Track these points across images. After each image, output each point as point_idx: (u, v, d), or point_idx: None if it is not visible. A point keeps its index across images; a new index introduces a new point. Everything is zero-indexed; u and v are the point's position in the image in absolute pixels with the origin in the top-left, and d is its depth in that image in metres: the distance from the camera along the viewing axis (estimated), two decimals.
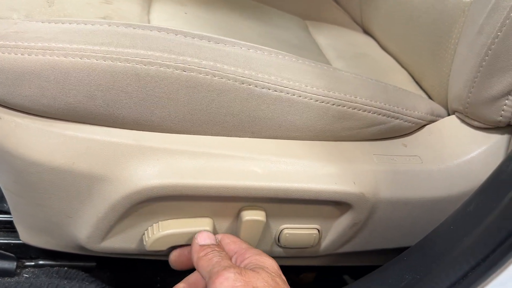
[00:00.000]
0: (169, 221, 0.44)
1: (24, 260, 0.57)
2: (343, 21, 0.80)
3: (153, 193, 0.40)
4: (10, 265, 0.56)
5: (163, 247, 0.44)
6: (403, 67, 0.66)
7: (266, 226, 0.46)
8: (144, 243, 0.43)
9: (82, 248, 0.45)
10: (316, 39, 0.70)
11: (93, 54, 0.36)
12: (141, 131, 0.41)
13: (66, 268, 0.56)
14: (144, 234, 0.44)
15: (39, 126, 0.39)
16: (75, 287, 0.49)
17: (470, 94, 0.46)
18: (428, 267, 0.40)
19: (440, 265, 0.39)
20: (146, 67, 0.37)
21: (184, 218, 0.45)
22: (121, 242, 0.45)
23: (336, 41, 0.70)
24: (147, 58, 0.37)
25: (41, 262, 0.57)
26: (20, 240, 0.51)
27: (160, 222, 0.44)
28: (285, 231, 0.47)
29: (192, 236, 0.44)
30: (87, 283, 0.53)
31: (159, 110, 0.39)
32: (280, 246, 0.48)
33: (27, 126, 0.39)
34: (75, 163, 0.39)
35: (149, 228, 0.44)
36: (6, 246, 0.57)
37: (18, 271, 0.56)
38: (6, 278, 0.50)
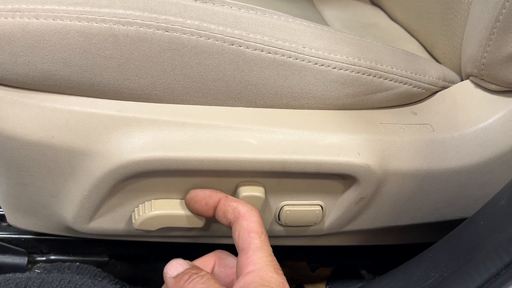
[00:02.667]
0: (162, 200, 0.41)
1: (35, 255, 0.56)
2: None
3: (139, 167, 0.37)
4: (21, 260, 0.55)
5: (152, 227, 0.41)
6: (413, 36, 0.62)
7: (265, 203, 0.43)
8: (133, 221, 0.41)
9: (69, 229, 0.43)
10: (321, 11, 0.66)
11: (66, 14, 0.33)
12: (124, 101, 0.38)
13: (77, 263, 0.55)
14: (133, 212, 0.41)
15: (14, 98, 0.37)
16: (87, 283, 0.47)
17: (485, 54, 0.42)
18: (456, 264, 0.36)
19: (470, 262, 0.35)
20: (124, 27, 0.34)
21: (176, 196, 0.42)
22: (109, 222, 0.42)
23: (342, 12, 0.67)
24: (125, 18, 0.34)
25: (52, 257, 0.56)
26: (32, 235, 0.50)
27: (153, 200, 0.41)
28: (286, 208, 0.44)
29: (184, 218, 0.41)
30: (99, 278, 0.51)
31: (140, 76, 0.36)
32: (281, 225, 0.45)
33: (2, 98, 0.36)
34: (54, 136, 0.37)
35: (140, 206, 0.41)
36: (17, 241, 0.56)
37: (30, 266, 0.55)
38: (17, 274, 0.49)
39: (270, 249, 0.35)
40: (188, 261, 0.36)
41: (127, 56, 0.35)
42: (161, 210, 0.41)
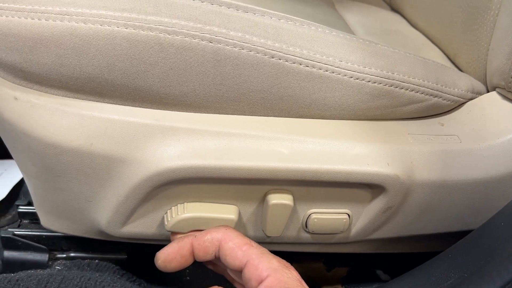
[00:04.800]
0: (194, 203, 0.42)
1: (55, 252, 0.57)
2: None
3: (174, 175, 0.38)
4: (43, 257, 0.56)
5: (184, 229, 0.42)
6: (435, 44, 0.62)
7: (293, 210, 0.44)
8: (165, 223, 0.41)
9: (102, 233, 0.44)
10: (343, 16, 0.67)
11: (113, 20, 0.33)
12: (161, 110, 0.39)
13: (97, 260, 0.55)
14: (166, 213, 0.42)
15: (55, 106, 0.37)
16: (107, 280, 0.47)
17: None
18: (477, 265, 0.36)
19: (491, 263, 0.35)
20: (170, 36, 0.34)
21: (206, 201, 0.42)
22: (142, 227, 0.43)
23: (364, 18, 0.67)
24: (171, 27, 0.34)
25: (72, 254, 0.57)
26: (53, 232, 0.50)
27: (185, 203, 0.42)
28: (313, 215, 0.44)
29: (215, 222, 0.41)
30: (118, 276, 0.52)
31: (181, 84, 0.37)
32: (308, 232, 0.46)
33: (44, 106, 0.37)
34: (93, 144, 0.37)
35: (173, 208, 0.42)
36: (38, 238, 0.56)
37: (50, 263, 0.56)
38: (38, 270, 0.49)
39: (267, 250, 0.35)
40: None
41: (170, 64, 0.35)
42: (193, 213, 0.41)
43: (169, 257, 0.39)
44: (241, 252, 0.35)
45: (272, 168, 0.39)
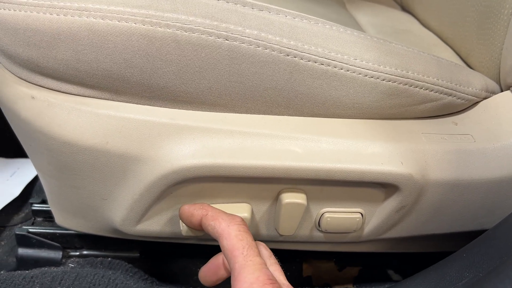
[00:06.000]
0: None
1: (69, 250, 0.58)
2: None
3: (189, 173, 0.38)
4: (56, 254, 0.57)
5: (199, 231, 0.42)
6: (447, 44, 0.62)
7: (306, 209, 0.44)
8: (181, 227, 0.41)
9: (117, 231, 0.44)
10: (354, 16, 0.67)
11: (131, 17, 0.34)
12: (176, 109, 0.39)
13: (110, 258, 0.56)
14: None
15: (72, 105, 0.37)
16: (120, 278, 0.48)
17: None
18: (492, 265, 0.36)
19: (506, 262, 0.35)
20: (187, 33, 0.34)
21: (221, 200, 0.43)
22: (156, 225, 0.43)
23: (375, 18, 0.67)
24: (188, 24, 0.34)
25: (85, 252, 0.58)
26: (66, 230, 0.51)
27: None
28: (326, 215, 0.44)
29: None
30: (130, 274, 0.52)
31: (198, 81, 0.37)
32: (321, 231, 0.46)
33: (60, 105, 0.37)
34: (109, 142, 0.38)
35: None
36: (52, 236, 0.57)
37: (64, 260, 0.57)
38: (52, 268, 0.50)
39: (257, 260, 0.32)
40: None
41: (187, 61, 0.35)
42: None
43: (182, 216, 0.40)
44: (231, 256, 0.33)
45: (286, 167, 0.39)
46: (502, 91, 0.49)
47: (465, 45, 0.57)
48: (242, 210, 0.43)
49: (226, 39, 0.35)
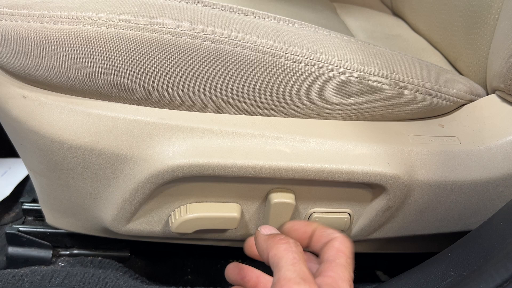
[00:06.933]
0: (197, 204, 0.43)
1: (59, 249, 0.58)
2: (371, 3, 0.77)
3: (179, 172, 0.38)
4: (46, 253, 0.57)
5: (189, 230, 0.42)
6: (436, 48, 0.63)
7: (295, 209, 0.45)
8: (170, 225, 0.42)
9: (107, 230, 0.45)
10: (345, 21, 0.68)
11: (119, 23, 0.35)
12: (167, 109, 0.40)
13: (100, 257, 0.56)
14: (170, 215, 0.43)
15: (63, 104, 0.38)
16: (110, 277, 0.48)
17: None
18: (476, 264, 0.37)
19: (490, 261, 0.36)
20: (174, 37, 0.35)
21: (210, 200, 0.43)
22: (146, 224, 0.44)
23: (366, 22, 0.68)
24: (175, 29, 0.35)
25: (75, 251, 0.58)
26: (57, 229, 0.51)
27: (188, 204, 0.42)
28: (315, 215, 0.45)
29: (219, 221, 0.42)
30: (121, 273, 0.53)
31: (186, 84, 0.38)
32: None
33: (52, 104, 0.38)
34: (99, 142, 0.38)
35: (176, 209, 0.43)
36: (42, 235, 0.57)
37: (54, 259, 0.57)
38: (42, 266, 0.50)
39: (352, 275, 0.32)
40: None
41: (174, 64, 0.36)
42: (197, 213, 0.42)
43: (294, 227, 0.37)
44: (335, 253, 0.33)
45: (274, 167, 0.39)
46: (488, 94, 0.50)
47: (453, 49, 0.58)
48: (232, 209, 0.43)
49: (212, 42, 0.36)
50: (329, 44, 0.40)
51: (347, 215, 0.45)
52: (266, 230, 0.35)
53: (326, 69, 0.39)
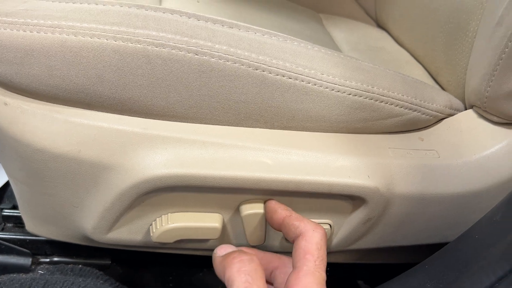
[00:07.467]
0: (178, 213, 0.43)
1: (39, 257, 0.57)
2: (357, 14, 0.78)
3: (161, 182, 0.39)
4: (26, 261, 0.56)
5: (170, 239, 0.42)
6: (418, 61, 0.64)
7: None
8: (151, 234, 0.42)
9: (88, 239, 0.44)
10: (330, 32, 0.69)
11: (103, 33, 0.35)
12: (150, 119, 0.40)
13: (80, 265, 0.56)
14: (151, 225, 0.43)
15: (45, 112, 0.38)
16: (90, 285, 0.48)
17: (488, 88, 0.44)
18: (452, 276, 0.38)
19: (465, 274, 0.36)
20: (157, 49, 0.36)
21: (192, 210, 0.43)
22: (127, 233, 0.44)
23: (350, 34, 0.69)
24: (158, 40, 0.35)
25: (55, 259, 0.57)
26: (36, 236, 0.50)
27: (169, 214, 0.43)
28: None
29: (200, 231, 0.42)
30: (101, 281, 0.52)
31: (169, 95, 0.38)
32: (288, 241, 0.47)
33: (33, 112, 0.38)
34: (81, 151, 0.38)
35: (157, 219, 0.43)
36: (21, 242, 0.57)
37: (33, 267, 0.56)
38: (21, 274, 0.50)
39: (323, 275, 0.33)
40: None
41: (157, 75, 0.37)
42: (177, 223, 0.42)
43: (267, 209, 0.42)
44: (302, 257, 0.35)
45: (256, 178, 0.40)
46: (466, 109, 0.51)
47: (435, 64, 0.60)
48: (213, 220, 0.43)
49: (196, 54, 0.36)
50: (312, 57, 0.40)
51: (328, 226, 0.46)
52: (221, 250, 0.36)
53: (309, 83, 0.40)
